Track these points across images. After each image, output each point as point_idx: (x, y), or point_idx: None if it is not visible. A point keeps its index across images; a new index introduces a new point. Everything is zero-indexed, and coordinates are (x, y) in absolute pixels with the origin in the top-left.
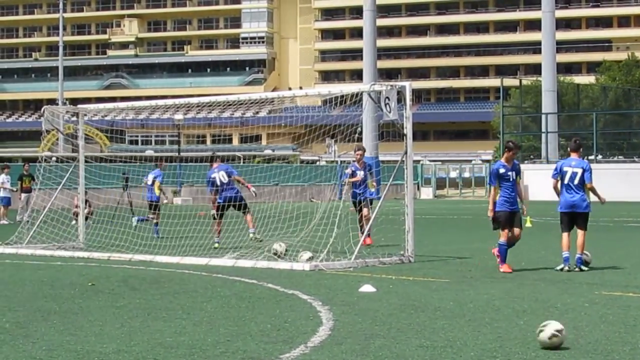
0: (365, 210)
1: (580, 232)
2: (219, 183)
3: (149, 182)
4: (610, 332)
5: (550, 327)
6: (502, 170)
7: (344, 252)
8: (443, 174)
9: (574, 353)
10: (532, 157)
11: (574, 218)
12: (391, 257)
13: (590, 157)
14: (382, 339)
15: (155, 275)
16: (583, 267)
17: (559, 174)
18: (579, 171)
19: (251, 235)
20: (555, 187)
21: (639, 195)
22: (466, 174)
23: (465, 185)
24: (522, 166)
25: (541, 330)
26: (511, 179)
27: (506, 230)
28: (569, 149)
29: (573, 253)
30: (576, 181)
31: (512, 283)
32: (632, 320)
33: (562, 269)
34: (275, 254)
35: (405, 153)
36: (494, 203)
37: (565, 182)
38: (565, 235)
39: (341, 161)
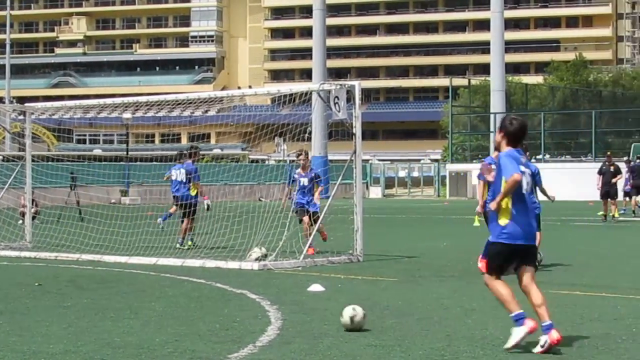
0: (306, 219)
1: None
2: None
3: (177, 178)
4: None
5: (347, 311)
6: None
7: (293, 252)
8: (392, 173)
9: (522, 351)
10: (480, 156)
11: None
12: (340, 256)
13: (538, 157)
14: (330, 338)
15: (103, 275)
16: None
17: None
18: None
19: (178, 246)
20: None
21: (586, 194)
22: (415, 173)
23: (414, 185)
24: (471, 166)
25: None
26: None
27: None
28: None
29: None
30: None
31: (461, 282)
32: (578, 318)
33: None
34: (257, 259)
35: (355, 152)
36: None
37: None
38: None
39: (290, 160)
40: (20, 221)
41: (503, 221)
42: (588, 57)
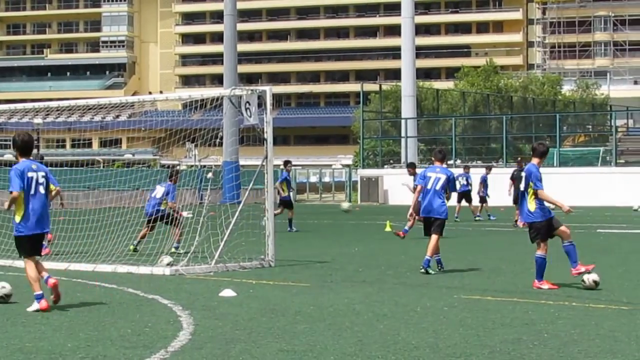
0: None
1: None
2: (153, 194)
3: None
4: (469, 336)
5: None
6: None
7: (205, 257)
8: (303, 178)
9: (434, 357)
10: (391, 161)
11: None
12: (251, 261)
13: (449, 162)
14: (242, 344)
15: (14, 281)
16: (430, 270)
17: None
18: (443, 177)
19: (173, 250)
20: (417, 193)
21: (496, 199)
22: (326, 179)
23: (326, 190)
24: (382, 171)
25: None
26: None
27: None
28: (433, 158)
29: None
30: (438, 187)
31: (372, 287)
32: (490, 323)
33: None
34: (168, 264)
35: (266, 157)
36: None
37: (428, 187)
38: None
39: (202, 165)
40: None
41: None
42: (499, 62)
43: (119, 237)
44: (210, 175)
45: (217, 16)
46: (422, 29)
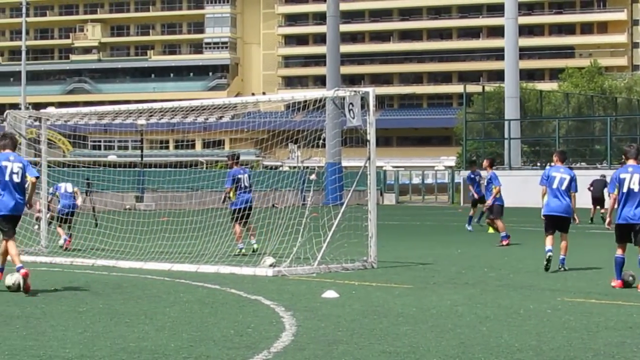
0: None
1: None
2: (242, 185)
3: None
4: (572, 338)
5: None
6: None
7: (307, 258)
8: (406, 179)
9: (537, 359)
10: (494, 163)
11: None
12: (354, 263)
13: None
14: (344, 345)
15: (118, 281)
16: (566, 267)
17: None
18: (567, 177)
19: (255, 246)
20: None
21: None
22: (429, 180)
23: (428, 191)
24: (485, 173)
25: None
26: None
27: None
28: (555, 158)
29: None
30: (563, 187)
31: (475, 289)
32: (594, 326)
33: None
34: (271, 265)
35: (369, 159)
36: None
37: (554, 187)
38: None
39: (304, 166)
40: (37, 226)
41: None
42: (603, 63)
43: (222, 238)
44: (313, 176)
45: (320, 17)
46: (525, 30)
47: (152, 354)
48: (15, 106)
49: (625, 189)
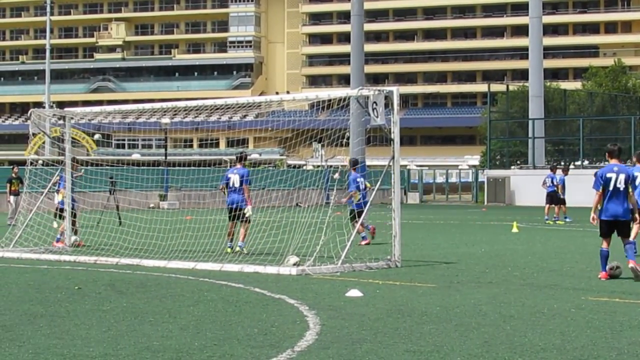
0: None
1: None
2: (231, 184)
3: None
4: (596, 338)
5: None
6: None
7: (331, 257)
8: (430, 179)
9: (561, 359)
10: (519, 162)
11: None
12: (378, 262)
13: (576, 163)
14: (369, 344)
15: (141, 279)
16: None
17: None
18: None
19: (238, 248)
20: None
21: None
22: (453, 179)
23: (452, 191)
24: (509, 172)
25: None
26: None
27: None
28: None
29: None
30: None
31: (499, 288)
32: (618, 325)
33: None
34: (295, 264)
35: (393, 158)
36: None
37: (610, 189)
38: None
39: (328, 165)
40: (55, 222)
41: None
42: (627, 62)
43: (246, 237)
44: (336, 175)
45: (344, 16)
46: (549, 29)
47: (176, 352)
48: (39, 105)
49: (611, 187)
